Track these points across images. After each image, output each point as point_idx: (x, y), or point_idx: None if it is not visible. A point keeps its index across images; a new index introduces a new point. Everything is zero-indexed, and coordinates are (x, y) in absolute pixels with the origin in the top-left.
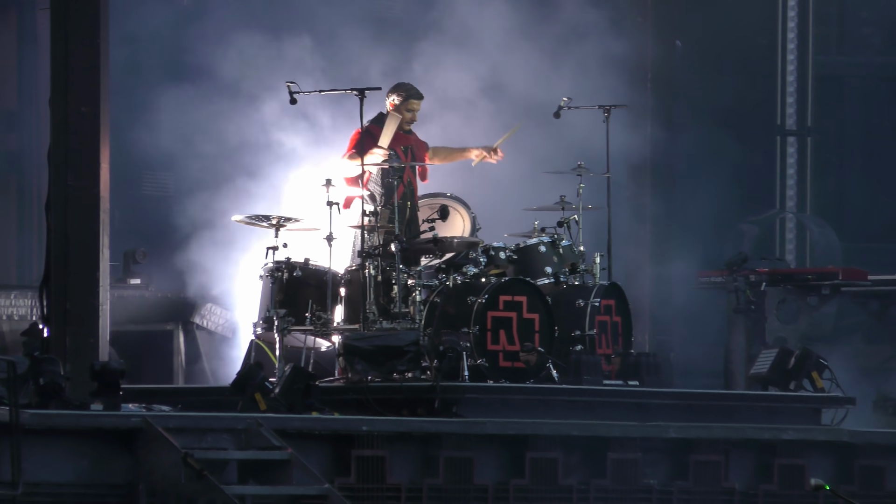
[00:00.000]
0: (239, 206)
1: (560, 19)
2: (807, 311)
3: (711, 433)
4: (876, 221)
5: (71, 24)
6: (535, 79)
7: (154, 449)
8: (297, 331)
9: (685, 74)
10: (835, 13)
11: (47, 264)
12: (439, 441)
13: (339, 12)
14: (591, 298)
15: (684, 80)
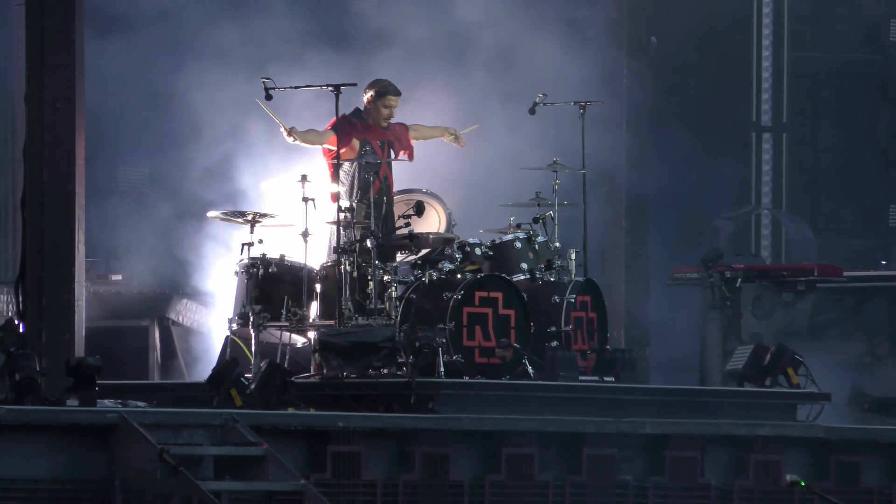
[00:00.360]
0: (214, 202)
1: (537, 16)
2: (782, 307)
3: (687, 429)
4: (851, 218)
5: (46, 21)
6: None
7: (130, 445)
8: (272, 327)
9: (661, 71)
10: (809, 10)
11: (23, 260)
12: (415, 437)
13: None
14: (566, 294)
15: (660, 77)
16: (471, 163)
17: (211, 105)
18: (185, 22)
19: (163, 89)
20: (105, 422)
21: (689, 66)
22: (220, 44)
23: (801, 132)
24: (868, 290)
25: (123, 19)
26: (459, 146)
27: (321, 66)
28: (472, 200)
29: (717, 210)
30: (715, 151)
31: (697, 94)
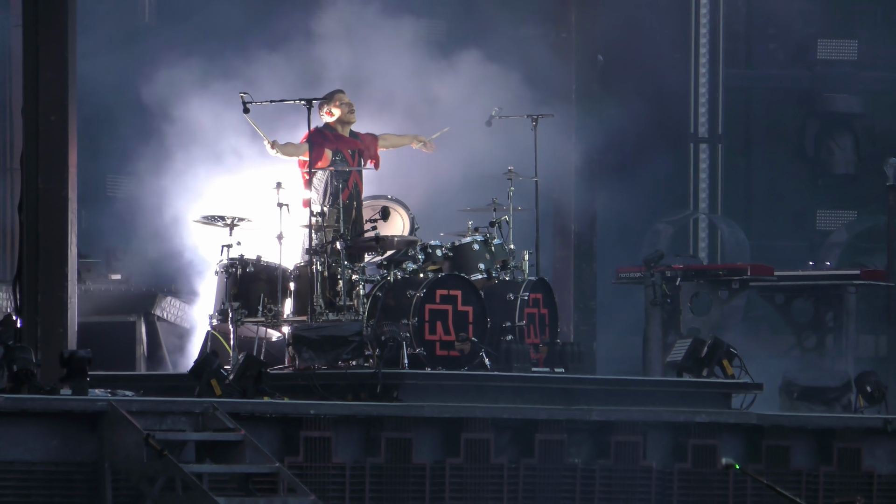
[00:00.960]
0: (197, 207)
1: (492, 35)
2: (718, 303)
3: (631, 416)
4: (781, 221)
5: (41, 40)
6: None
7: (118, 430)
8: (249, 322)
9: (606, 86)
10: (743, 30)
11: (20, 260)
12: (381, 423)
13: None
14: (520, 292)
15: (605, 92)
16: (432, 171)
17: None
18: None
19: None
20: (95, 409)
21: (632, 82)
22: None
23: (735, 143)
24: (797, 288)
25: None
26: (429, 151)
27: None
28: (433, 206)
29: (658, 214)
30: (656, 160)
31: (640, 107)
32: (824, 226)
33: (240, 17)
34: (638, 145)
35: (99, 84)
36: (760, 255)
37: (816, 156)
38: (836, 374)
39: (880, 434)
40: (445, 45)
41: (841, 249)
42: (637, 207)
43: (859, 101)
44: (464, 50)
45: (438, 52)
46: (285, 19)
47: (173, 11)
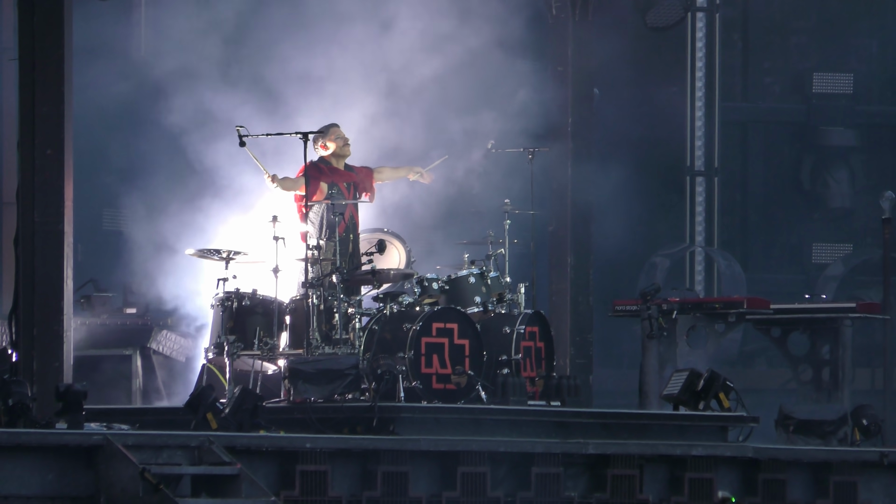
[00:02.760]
0: (192, 240)
1: (488, 68)
2: (714, 337)
3: (627, 449)
4: (777, 254)
5: (38, 74)
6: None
7: (114, 464)
8: (245, 355)
9: (603, 120)
10: (739, 64)
11: (16, 294)
12: (377, 457)
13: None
14: (516, 325)
15: (602, 125)
16: (430, 206)
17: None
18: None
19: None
20: (91, 443)
21: (628, 115)
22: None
23: (731, 176)
24: (793, 321)
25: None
26: (427, 182)
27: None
28: (429, 239)
29: (655, 247)
30: (652, 194)
31: (636, 140)
32: (820, 259)
33: (235, 49)
34: (634, 178)
35: (95, 118)
36: (757, 288)
37: (812, 189)
38: (833, 408)
39: (876, 468)
40: (441, 78)
41: (837, 283)
42: (634, 240)
43: (855, 134)
44: (459, 82)
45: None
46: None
47: (169, 45)
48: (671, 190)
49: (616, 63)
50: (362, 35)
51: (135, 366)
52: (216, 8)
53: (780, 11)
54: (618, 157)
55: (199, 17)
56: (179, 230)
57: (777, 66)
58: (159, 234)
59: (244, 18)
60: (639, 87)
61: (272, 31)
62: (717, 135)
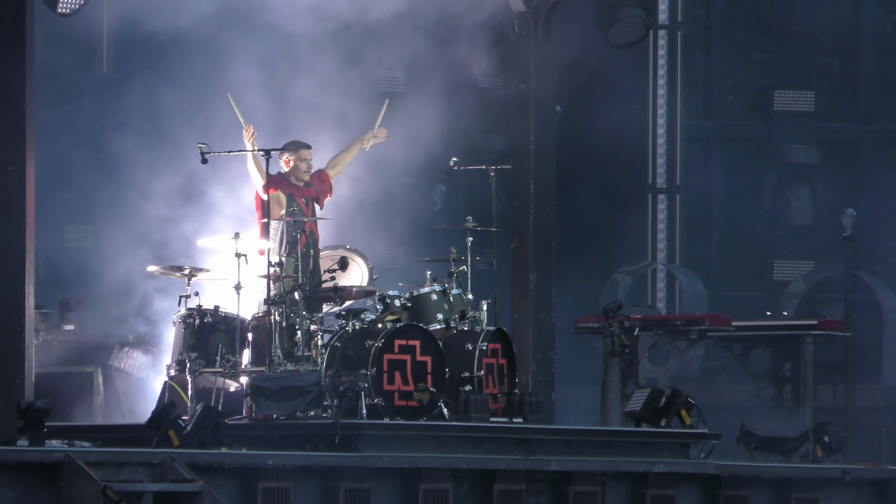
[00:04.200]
0: (154, 256)
1: (450, 86)
2: (676, 354)
3: (589, 466)
4: (738, 271)
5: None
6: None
7: (76, 481)
8: (207, 372)
9: (565, 137)
10: (701, 81)
11: None
12: (339, 474)
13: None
14: (478, 342)
15: (564, 143)
16: (394, 223)
17: (152, 167)
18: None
19: (107, 153)
20: (53, 460)
21: (590, 133)
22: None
23: (693, 193)
24: (754, 338)
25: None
26: (382, 139)
27: None
28: (391, 256)
29: (617, 265)
30: (615, 211)
31: (598, 158)
32: (782, 276)
33: (199, 65)
34: (596, 196)
35: (58, 134)
36: (718, 305)
37: (774, 206)
38: (794, 425)
39: (838, 484)
40: (404, 96)
41: (798, 300)
42: (595, 258)
43: (816, 151)
44: (422, 100)
45: (396, 101)
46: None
47: (131, 62)
48: (633, 207)
49: (578, 81)
50: (325, 48)
51: (96, 383)
52: (179, 25)
53: (742, 29)
54: (580, 174)
55: (163, 34)
56: (142, 247)
57: (738, 84)
58: (122, 251)
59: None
60: (601, 105)
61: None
62: (678, 152)
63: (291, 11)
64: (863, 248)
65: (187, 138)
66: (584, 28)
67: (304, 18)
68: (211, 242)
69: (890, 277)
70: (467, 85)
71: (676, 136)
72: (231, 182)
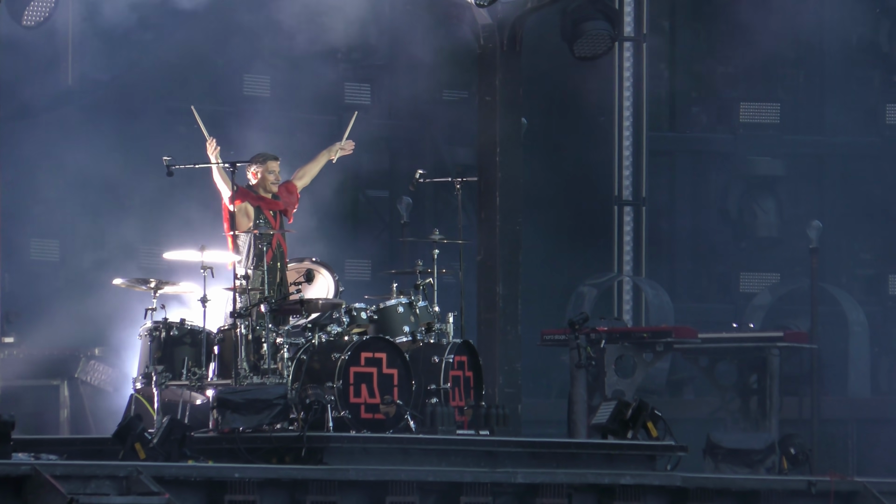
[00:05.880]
0: (120, 270)
1: (416, 98)
2: (642, 366)
3: (556, 478)
4: (704, 284)
5: None
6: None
7: (42, 495)
8: (173, 385)
9: (530, 149)
10: (666, 94)
11: None
12: (306, 487)
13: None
14: (445, 355)
15: (529, 155)
16: (357, 236)
17: (117, 180)
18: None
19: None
20: (19, 473)
21: (556, 145)
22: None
23: (658, 206)
24: (720, 350)
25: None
26: (349, 151)
27: None
28: (357, 268)
29: (583, 277)
30: (580, 223)
31: (564, 170)
32: (748, 288)
33: (163, 78)
34: (562, 208)
35: (22, 146)
36: (684, 317)
37: (740, 218)
38: (761, 437)
39: (805, 496)
40: (370, 108)
41: (764, 312)
42: (561, 270)
43: (782, 164)
44: (388, 112)
45: (362, 113)
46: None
47: (96, 74)
48: (599, 219)
49: (544, 93)
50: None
51: (62, 396)
52: (144, 38)
53: (707, 41)
54: (546, 186)
55: (128, 46)
56: (107, 259)
57: (704, 96)
58: (86, 264)
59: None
60: (567, 117)
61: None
62: (644, 164)
63: (256, 24)
64: (828, 260)
65: (153, 151)
66: (549, 40)
67: (267, 31)
68: (177, 255)
69: (856, 289)
70: (433, 97)
71: (642, 148)
72: (198, 195)
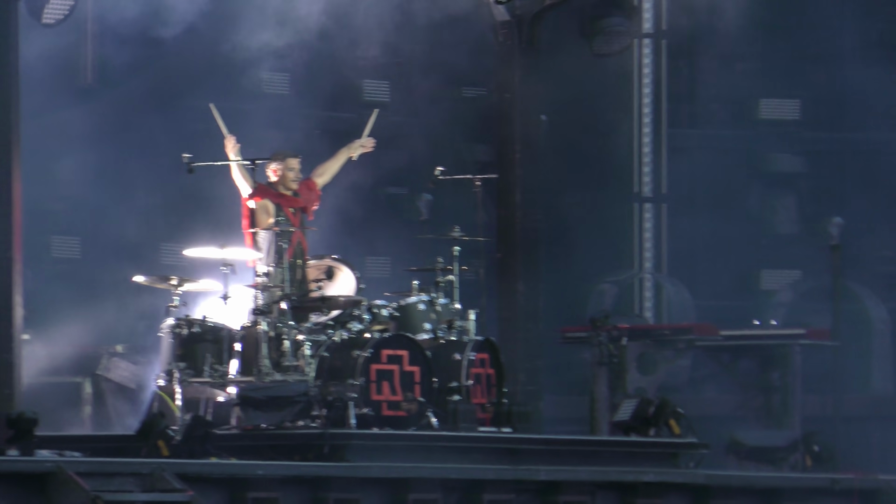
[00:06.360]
0: (142, 267)
1: (435, 96)
2: (664, 363)
3: (578, 476)
4: (725, 281)
5: None
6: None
7: (66, 492)
8: (196, 382)
9: (550, 146)
10: (686, 90)
11: None
12: (328, 484)
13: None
14: (466, 352)
15: (549, 152)
16: (376, 231)
17: (138, 177)
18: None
19: (93, 164)
20: (43, 470)
21: (576, 142)
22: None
23: (679, 202)
24: (742, 347)
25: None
26: (369, 149)
27: None
28: (378, 265)
29: (603, 274)
30: (601, 220)
31: (584, 167)
32: (769, 285)
33: (182, 75)
34: (582, 205)
35: (43, 144)
36: (706, 314)
37: (760, 215)
38: (784, 434)
39: (827, 494)
40: (390, 105)
41: (786, 309)
42: (582, 267)
43: (802, 160)
44: (407, 109)
45: (382, 110)
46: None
47: (115, 72)
48: (619, 216)
49: (563, 89)
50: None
51: (85, 393)
52: (163, 35)
53: (727, 37)
54: (565, 183)
55: (147, 44)
56: (128, 257)
57: (724, 93)
58: (108, 261)
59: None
60: (586, 114)
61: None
62: (664, 161)
63: (275, 21)
64: (850, 256)
65: (173, 148)
66: (568, 37)
67: (288, 28)
68: (198, 252)
69: (878, 286)
70: (453, 94)
71: (662, 144)
72: (219, 192)
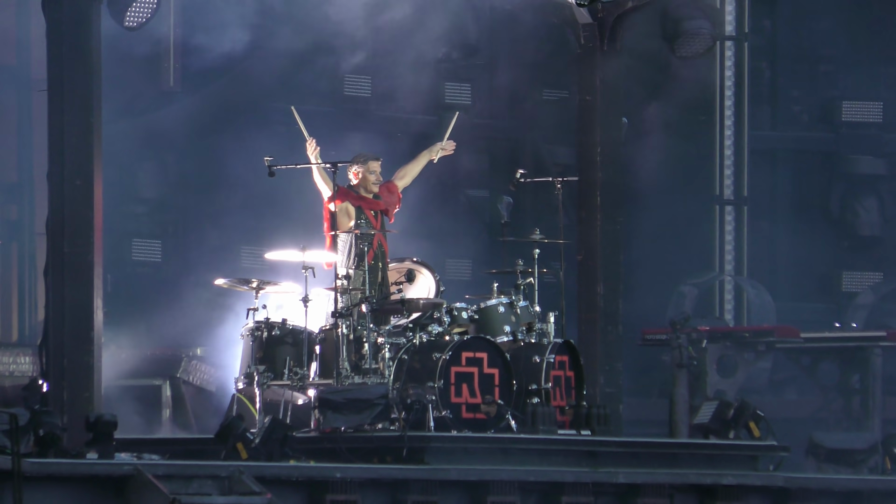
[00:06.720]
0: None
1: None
2: (744, 365)
3: (657, 478)
4: (806, 283)
5: (66, 105)
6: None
7: (144, 494)
8: (275, 385)
9: (632, 149)
10: (767, 93)
11: (46, 324)
12: (407, 486)
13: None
14: (546, 355)
15: (631, 155)
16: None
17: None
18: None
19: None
20: (121, 473)
21: (657, 145)
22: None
23: (760, 205)
24: (823, 349)
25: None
26: (450, 151)
27: None
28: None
29: (684, 276)
30: (682, 223)
31: (666, 169)
32: (850, 287)
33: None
34: (663, 207)
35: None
36: (786, 317)
37: (842, 217)
38: (863, 437)
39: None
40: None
41: (867, 311)
42: (663, 269)
43: (884, 162)
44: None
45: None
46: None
47: (197, 76)
48: (700, 218)
49: (644, 92)
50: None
51: (164, 396)
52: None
53: (809, 40)
54: (647, 185)
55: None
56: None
57: (806, 95)
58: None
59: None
60: (667, 116)
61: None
62: (746, 163)
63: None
64: None
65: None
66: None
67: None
68: (279, 255)
69: None
70: (533, 97)
71: (744, 147)
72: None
